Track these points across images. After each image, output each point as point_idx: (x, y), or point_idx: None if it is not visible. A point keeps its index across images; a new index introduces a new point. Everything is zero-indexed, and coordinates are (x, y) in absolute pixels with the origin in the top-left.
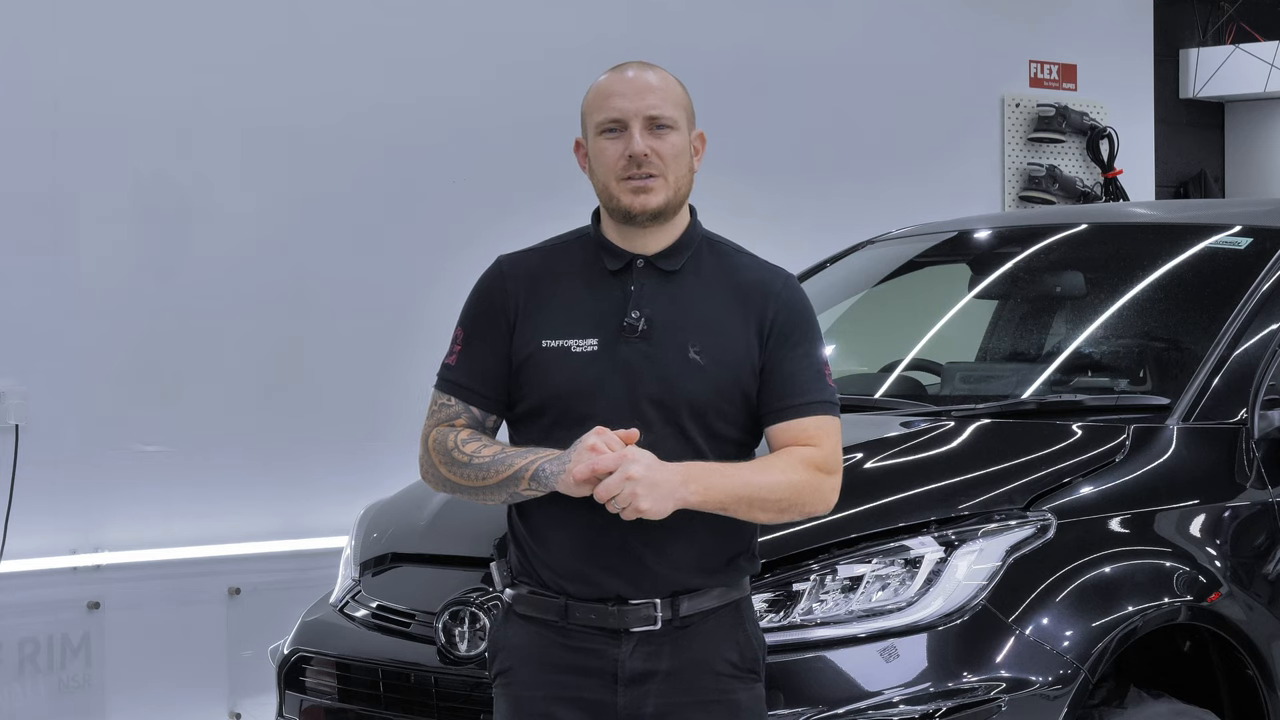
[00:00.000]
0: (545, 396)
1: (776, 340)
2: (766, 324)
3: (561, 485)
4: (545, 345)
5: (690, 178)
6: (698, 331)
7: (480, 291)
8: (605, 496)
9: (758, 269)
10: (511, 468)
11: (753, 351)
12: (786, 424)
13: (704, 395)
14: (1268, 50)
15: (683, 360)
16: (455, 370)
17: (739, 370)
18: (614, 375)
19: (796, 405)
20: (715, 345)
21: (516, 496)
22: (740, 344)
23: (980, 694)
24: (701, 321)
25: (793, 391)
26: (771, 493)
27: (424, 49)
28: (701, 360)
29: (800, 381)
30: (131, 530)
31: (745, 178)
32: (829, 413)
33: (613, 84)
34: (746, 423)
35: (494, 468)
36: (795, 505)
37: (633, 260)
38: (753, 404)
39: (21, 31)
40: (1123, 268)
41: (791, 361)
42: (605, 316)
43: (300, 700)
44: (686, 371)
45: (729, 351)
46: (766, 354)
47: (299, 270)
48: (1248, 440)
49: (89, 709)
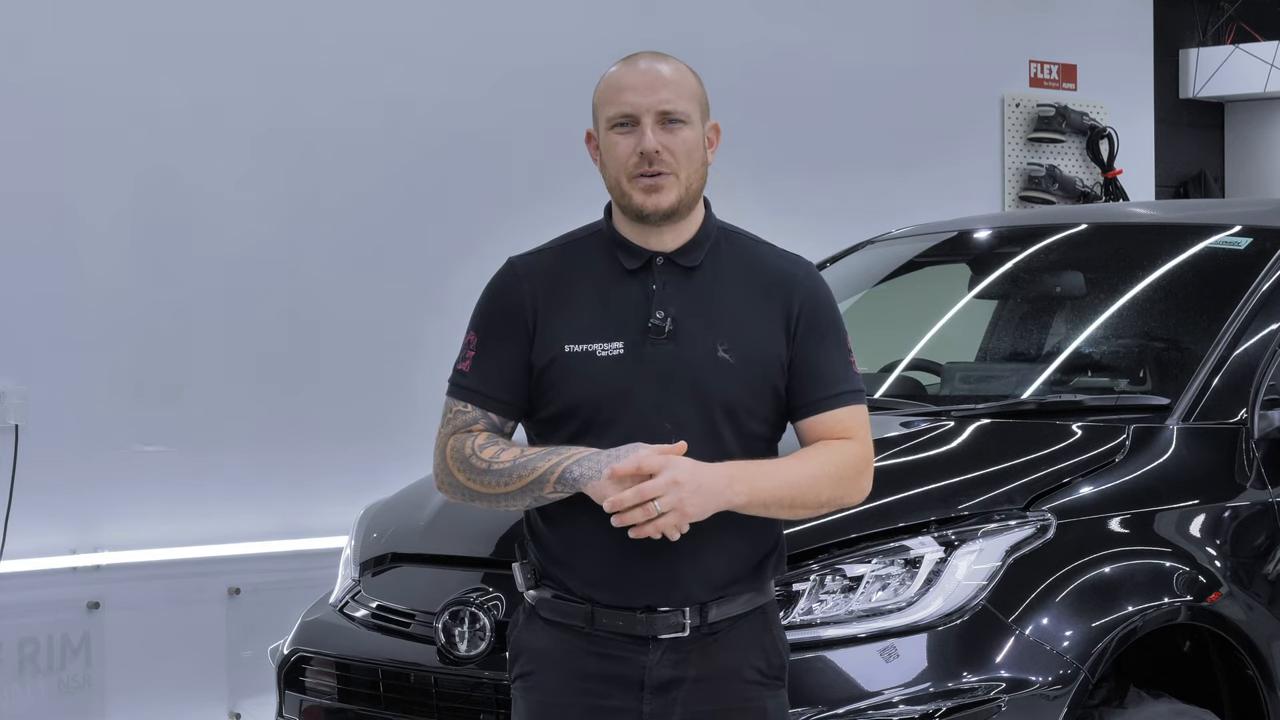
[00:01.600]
0: (572, 402)
1: (804, 333)
2: (793, 317)
3: (592, 489)
4: (569, 350)
5: (704, 171)
6: (724, 329)
7: (494, 294)
8: (647, 496)
9: (778, 259)
10: (535, 471)
11: (780, 346)
12: (819, 417)
13: (735, 394)
14: (1268, 50)
15: (712, 360)
16: (470, 376)
17: (768, 366)
18: (643, 379)
19: (829, 397)
20: (743, 342)
21: (541, 500)
22: (767, 339)
23: (980, 694)
24: (727, 319)
25: (824, 384)
26: (812, 489)
27: (426, 50)
28: (731, 359)
29: (830, 373)
30: (131, 530)
31: (745, 177)
32: (859, 402)
33: (624, 76)
34: (774, 418)
35: (516, 472)
36: (835, 499)
37: (651, 258)
38: (781, 399)
39: (22, 31)
40: (1123, 268)
41: (820, 354)
42: (628, 318)
43: (300, 700)
44: (716, 371)
45: (757, 348)
46: (795, 348)
47: (299, 270)
48: (1248, 440)
49: (89, 709)
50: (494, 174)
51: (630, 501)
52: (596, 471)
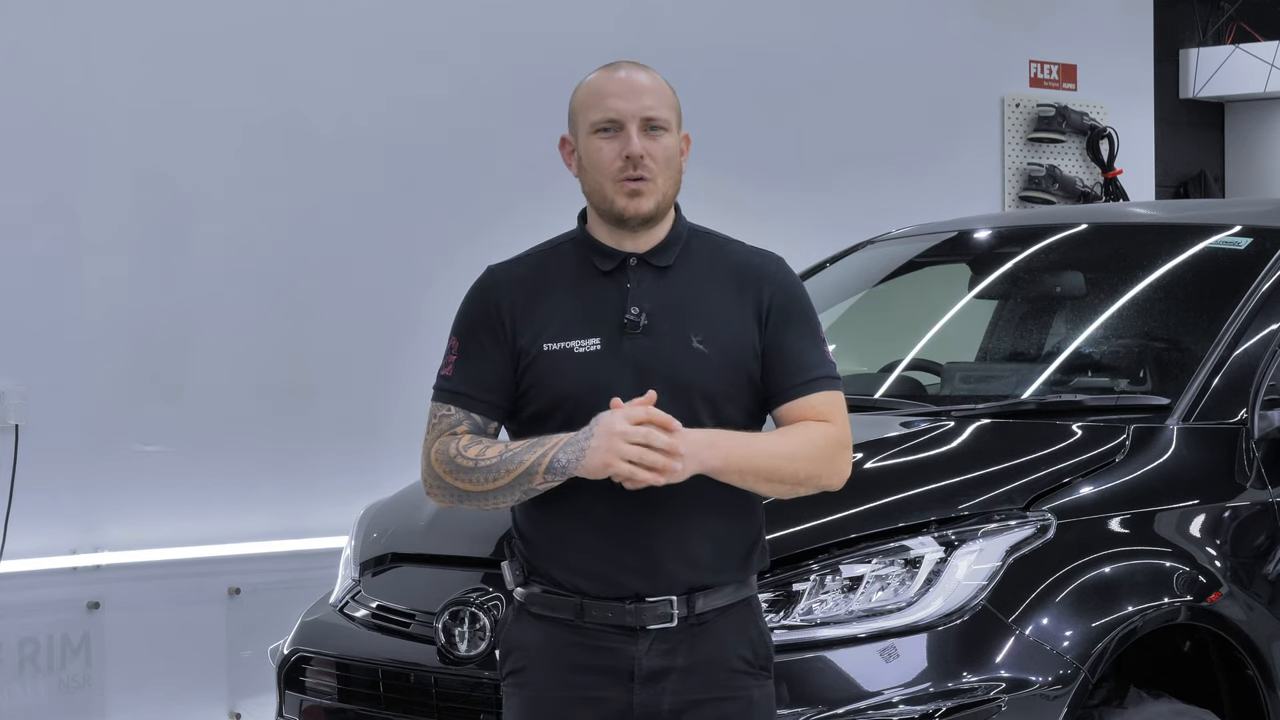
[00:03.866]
0: (553, 398)
1: (775, 322)
2: (763, 307)
3: (584, 470)
4: (547, 349)
5: (679, 179)
6: (697, 321)
7: (473, 300)
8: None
9: (747, 254)
10: (522, 464)
11: (752, 335)
12: (795, 403)
13: (712, 382)
14: (1268, 50)
15: (687, 350)
16: (452, 380)
17: (742, 354)
18: (621, 372)
19: (803, 383)
20: (717, 332)
21: (531, 493)
22: (740, 328)
23: (980, 694)
24: (700, 311)
25: (798, 370)
26: (790, 463)
27: (425, 50)
28: (705, 348)
29: (804, 360)
30: (131, 530)
31: (744, 178)
32: (835, 387)
33: (606, 83)
34: (752, 406)
35: (503, 467)
36: (813, 478)
37: (625, 259)
38: (757, 386)
39: (22, 32)
40: (1123, 268)
41: (792, 341)
42: (604, 316)
43: (300, 700)
44: (692, 361)
45: (731, 337)
46: (766, 336)
47: (299, 270)
48: (1248, 440)
49: (89, 709)
50: (494, 174)
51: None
52: (581, 451)
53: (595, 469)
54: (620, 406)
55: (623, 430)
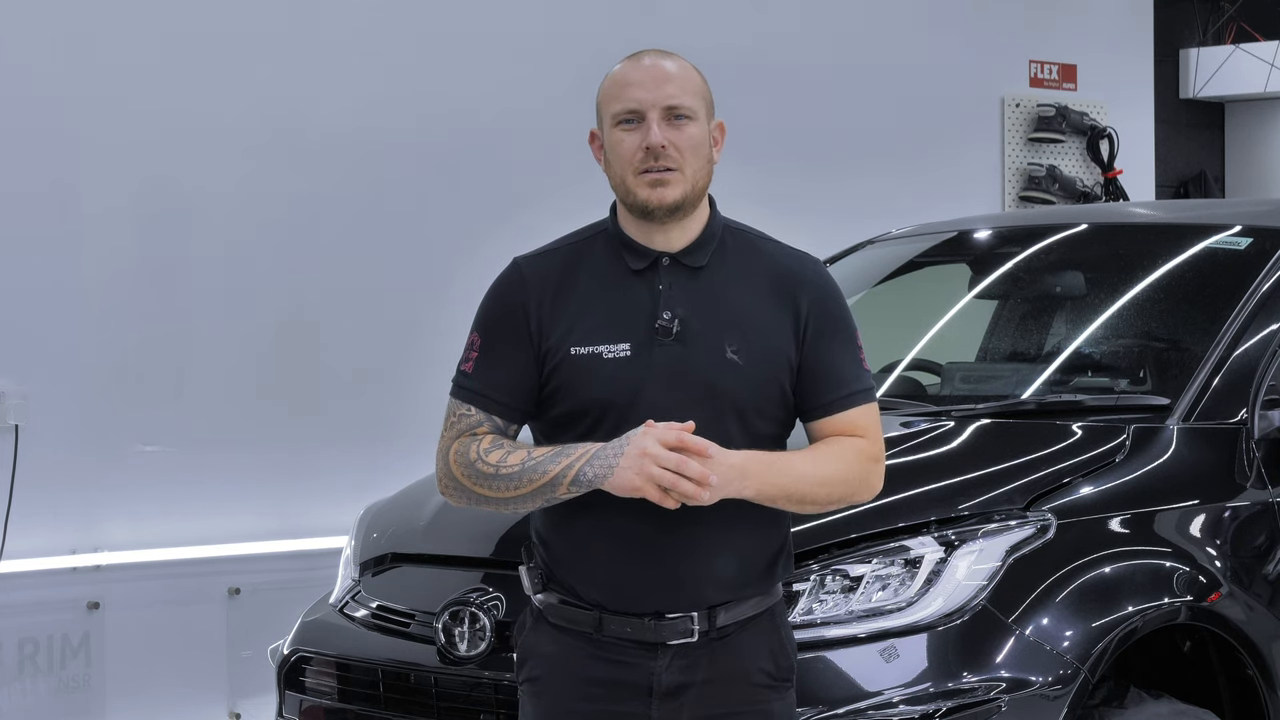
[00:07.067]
0: (579, 404)
1: (813, 334)
2: (801, 317)
3: (611, 486)
4: (575, 352)
5: (709, 169)
6: (732, 329)
7: (498, 295)
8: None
9: (785, 257)
10: (547, 474)
11: (789, 346)
12: (831, 419)
13: (744, 394)
14: (1268, 50)
15: (720, 361)
16: (474, 378)
17: (777, 367)
18: (651, 380)
19: (841, 399)
20: (751, 342)
21: (552, 501)
22: (776, 339)
23: (980, 694)
24: (735, 318)
25: (836, 385)
26: (824, 486)
27: (427, 50)
28: (739, 359)
29: (842, 374)
30: (131, 530)
31: (743, 178)
32: (870, 400)
33: (629, 73)
34: (783, 417)
35: (525, 476)
36: (846, 498)
37: (657, 258)
38: (789, 398)
39: (23, 32)
40: (1123, 268)
41: (830, 354)
42: (635, 319)
43: (300, 700)
44: (725, 372)
45: (765, 348)
46: (805, 348)
47: (299, 270)
48: (1248, 440)
49: (89, 709)
50: (494, 175)
51: (671, 465)
52: (609, 469)
53: (623, 488)
54: (654, 427)
55: (655, 454)
